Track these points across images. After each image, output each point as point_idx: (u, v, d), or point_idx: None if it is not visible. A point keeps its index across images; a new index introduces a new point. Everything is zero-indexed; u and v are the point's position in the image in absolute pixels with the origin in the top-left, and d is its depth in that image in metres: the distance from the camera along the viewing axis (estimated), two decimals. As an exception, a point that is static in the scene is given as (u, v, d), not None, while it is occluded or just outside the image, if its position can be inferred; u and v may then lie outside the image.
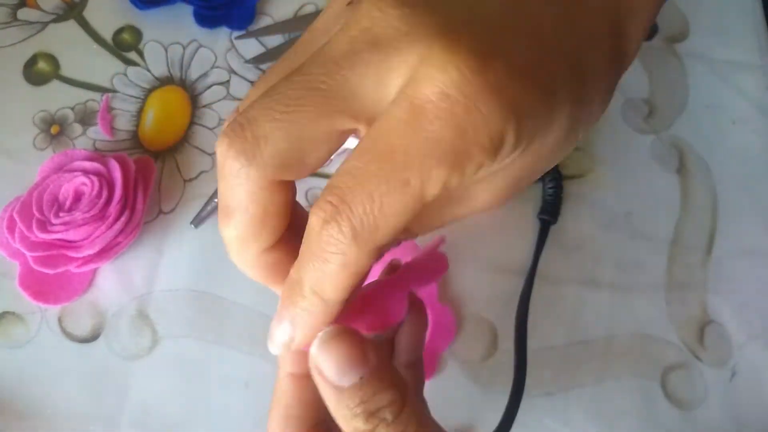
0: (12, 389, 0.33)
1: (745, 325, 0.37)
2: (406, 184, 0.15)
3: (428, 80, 0.15)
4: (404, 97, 0.15)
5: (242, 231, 0.18)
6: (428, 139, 0.15)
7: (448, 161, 0.15)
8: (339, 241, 0.16)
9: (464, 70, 0.14)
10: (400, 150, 0.15)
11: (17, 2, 0.42)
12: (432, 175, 0.15)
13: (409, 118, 0.15)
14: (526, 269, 0.36)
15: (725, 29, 0.45)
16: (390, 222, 0.16)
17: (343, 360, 0.18)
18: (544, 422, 0.34)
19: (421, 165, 0.15)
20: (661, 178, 0.40)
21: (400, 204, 0.15)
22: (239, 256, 0.19)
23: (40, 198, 0.34)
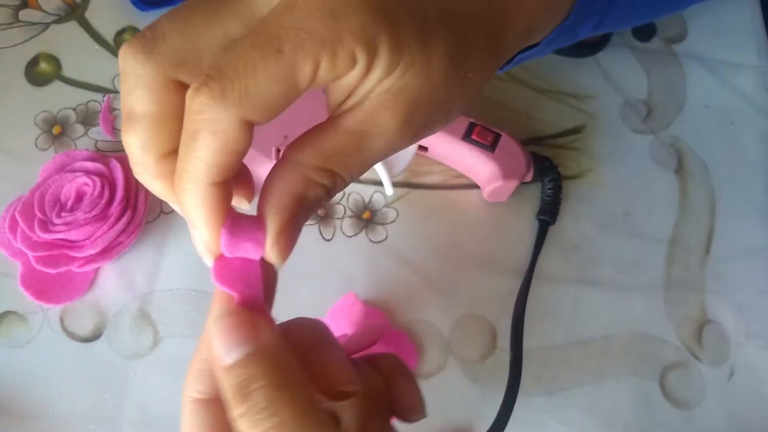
0: (13, 388, 0.33)
1: (743, 325, 0.37)
2: (279, 52, 0.16)
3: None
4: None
5: (142, 135, 0.19)
6: (303, 16, 0.16)
7: (320, 37, 0.16)
8: (208, 104, 0.16)
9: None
10: (277, 25, 0.17)
11: (19, 3, 0.42)
12: (304, 47, 0.16)
13: (289, 3, 0.17)
14: (525, 269, 0.36)
15: (723, 30, 0.45)
16: (262, 88, 0.16)
17: (227, 336, 0.18)
18: (543, 421, 0.34)
19: (294, 36, 0.16)
20: (659, 179, 0.40)
21: (273, 71, 0.16)
22: (141, 166, 0.19)
23: (42, 198, 0.34)
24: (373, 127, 0.19)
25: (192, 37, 0.18)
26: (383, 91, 0.18)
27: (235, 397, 0.17)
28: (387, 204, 0.38)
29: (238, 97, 0.16)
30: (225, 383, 0.18)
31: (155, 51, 0.18)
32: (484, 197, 0.38)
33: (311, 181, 0.19)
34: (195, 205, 0.18)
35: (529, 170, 0.36)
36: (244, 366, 0.18)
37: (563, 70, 0.43)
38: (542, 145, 0.40)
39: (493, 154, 0.36)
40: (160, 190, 0.20)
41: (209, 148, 0.17)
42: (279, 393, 0.17)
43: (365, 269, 0.36)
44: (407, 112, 0.19)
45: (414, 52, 0.18)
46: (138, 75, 0.18)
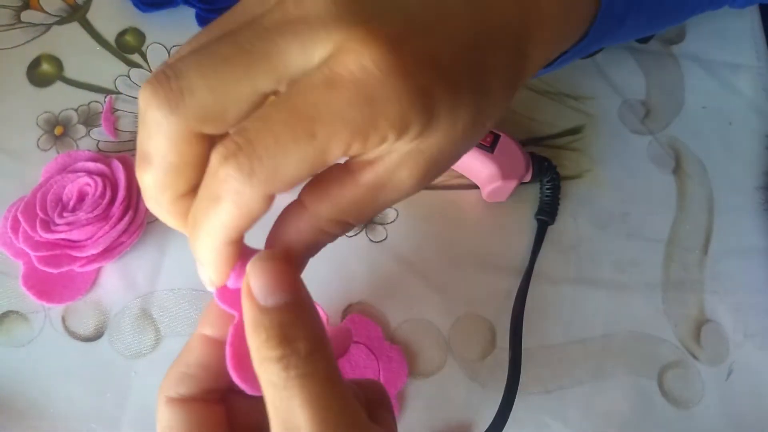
0: (15, 388, 0.33)
1: (741, 324, 0.37)
2: (312, 137, 0.16)
3: (350, 52, 0.16)
4: (326, 64, 0.17)
5: (159, 178, 0.19)
6: (341, 101, 0.16)
7: (355, 125, 0.16)
8: (235, 178, 0.16)
9: (383, 48, 0.16)
10: (313, 106, 0.16)
11: (21, 4, 0.42)
12: (338, 133, 0.16)
13: (327, 82, 0.16)
14: (524, 269, 0.37)
15: (721, 31, 0.45)
16: (289, 169, 0.17)
17: (272, 279, 0.18)
18: (542, 420, 0.34)
19: (329, 122, 0.16)
20: (657, 179, 0.40)
21: (303, 153, 0.16)
22: (155, 202, 0.19)
23: (44, 198, 0.35)
24: (390, 183, 0.19)
25: (220, 94, 0.17)
26: (405, 152, 0.18)
27: (272, 339, 0.18)
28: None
29: (266, 177, 0.16)
30: (261, 322, 0.18)
31: (180, 106, 0.17)
32: (484, 197, 0.38)
33: (324, 231, 0.19)
34: (208, 256, 0.19)
35: (528, 170, 0.37)
36: (286, 312, 0.18)
37: (562, 71, 0.43)
38: (541, 145, 0.41)
39: (492, 155, 0.36)
40: (173, 225, 0.20)
41: (230, 215, 0.17)
42: (317, 346, 0.18)
43: (365, 269, 0.36)
44: (426, 170, 0.19)
45: (440, 120, 0.18)
46: (160, 125, 0.17)
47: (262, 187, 0.17)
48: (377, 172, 0.19)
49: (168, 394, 0.21)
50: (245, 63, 0.17)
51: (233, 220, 0.17)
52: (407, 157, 0.18)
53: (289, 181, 0.17)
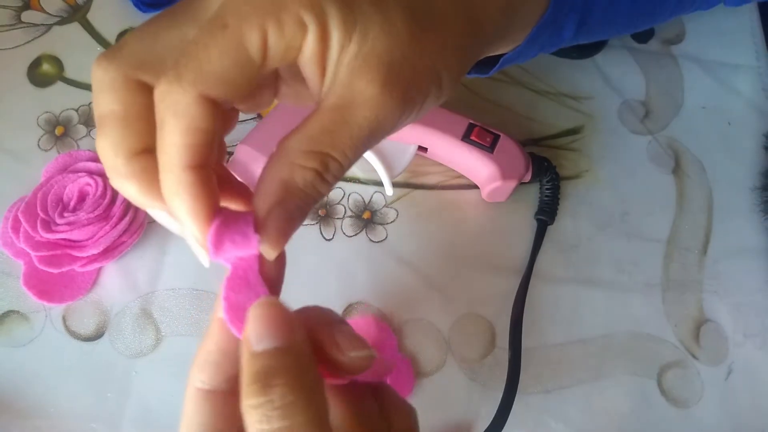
0: (16, 387, 0.33)
1: (740, 324, 0.37)
2: (224, 27, 0.17)
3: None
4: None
5: (111, 138, 0.19)
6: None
7: (263, 8, 0.17)
8: (166, 90, 0.17)
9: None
10: (222, 6, 0.18)
11: (21, 4, 0.42)
12: (247, 17, 0.17)
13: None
14: (523, 269, 0.37)
15: (721, 32, 0.45)
16: (212, 64, 0.17)
17: (265, 325, 0.18)
18: (542, 419, 0.34)
19: (237, 10, 0.17)
20: (657, 179, 0.41)
21: (220, 46, 0.17)
22: (113, 168, 0.20)
23: (45, 198, 0.35)
24: (354, 98, 0.19)
25: (150, 42, 0.19)
26: (352, 58, 0.18)
27: (253, 384, 0.17)
28: (387, 204, 0.38)
29: (192, 76, 0.17)
30: (247, 368, 0.18)
31: (116, 56, 0.19)
32: (483, 197, 0.38)
33: (297, 165, 0.19)
34: (175, 193, 0.18)
35: (528, 171, 0.37)
36: (272, 357, 0.18)
37: (562, 71, 0.43)
38: (541, 145, 0.41)
39: (492, 155, 0.36)
40: (134, 194, 0.20)
41: (175, 131, 0.18)
42: (297, 396, 0.17)
43: (365, 269, 0.36)
44: (384, 74, 0.19)
45: (369, 13, 0.18)
46: (101, 80, 0.19)
47: (193, 87, 0.17)
48: (335, 91, 0.19)
49: (195, 384, 0.20)
50: (171, 14, 0.19)
51: (182, 136, 0.18)
52: (357, 64, 0.18)
53: (218, 76, 0.17)
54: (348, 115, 0.19)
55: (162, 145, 0.18)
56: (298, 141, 0.19)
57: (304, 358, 0.18)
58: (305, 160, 0.18)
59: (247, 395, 0.17)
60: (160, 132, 0.18)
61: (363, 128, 0.19)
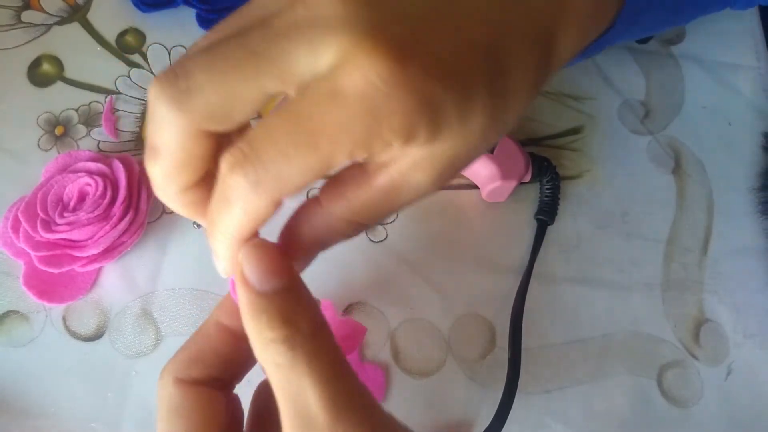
0: (16, 387, 0.33)
1: (740, 324, 0.37)
2: (315, 148, 0.17)
3: (356, 65, 0.16)
4: (332, 75, 0.17)
5: (166, 170, 0.19)
6: (344, 115, 0.16)
7: (358, 137, 0.17)
8: (242, 186, 0.17)
9: (389, 61, 0.16)
10: (317, 117, 0.17)
11: (21, 4, 0.42)
12: (341, 145, 0.17)
13: (332, 94, 0.16)
14: (523, 269, 0.37)
15: (721, 32, 0.45)
16: (293, 178, 0.17)
17: (267, 265, 0.19)
18: (542, 419, 0.34)
19: (332, 134, 0.17)
20: (657, 179, 0.41)
21: (306, 162, 0.17)
22: (162, 192, 0.20)
23: (45, 198, 0.35)
24: (405, 185, 0.19)
25: (227, 95, 0.17)
26: (419, 156, 0.18)
27: (275, 320, 0.18)
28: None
29: (271, 185, 0.17)
30: (262, 307, 0.18)
31: (188, 104, 0.17)
32: (483, 197, 0.38)
33: (338, 231, 0.20)
34: (222, 251, 0.19)
35: (528, 171, 0.37)
36: (287, 295, 0.19)
37: (562, 71, 0.42)
38: (541, 145, 0.41)
39: (492, 155, 0.36)
40: (181, 213, 0.21)
41: (240, 218, 0.18)
42: (320, 329, 0.18)
43: (365, 269, 0.36)
44: (441, 172, 0.19)
45: (453, 125, 0.18)
46: (167, 121, 0.18)
47: (268, 194, 0.17)
48: (392, 175, 0.19)
49: (177, 375, 0.21)
50: (252, 65, 0.17)
51: (243, 222, 0.18)
52: (421, 161, 0.18)
53: (293, 188, 0.17)
54: (394, 199, 0.19)
55: (222, 216, 0.18)
56: (343, 210, 0.19)
57: (310, 296, 0.20)
58: (345, 228, 0.20)
59: (268, 329, 0.18)
60: (223, 204, 0.18)
61: (400, 209, 0.20)
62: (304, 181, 0.17)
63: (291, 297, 0.19)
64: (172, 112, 0.17)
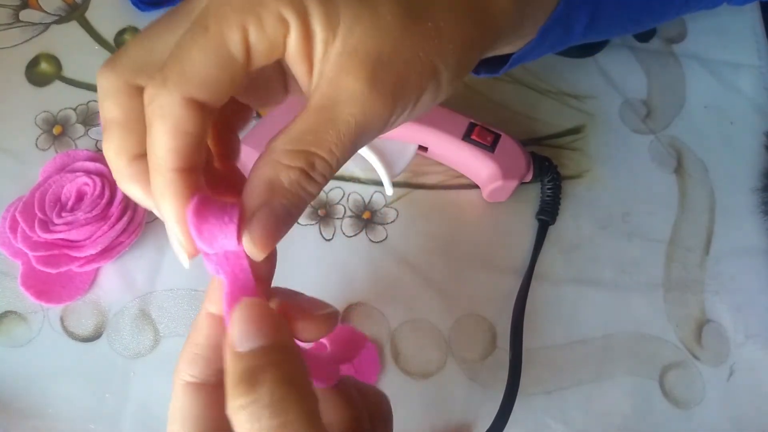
0: (14, 388, 0.33)
1: (742, 324, 0.37)
2: (205, 28, 0.17)
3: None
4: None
5: (114, 140, 0.20)
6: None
7: (242, 8, 0.17)
8: (152, 93, 0.18)
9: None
10: (204, 8, 0.18)
11: (19, 3, 0.42)
12: (226, 17, 0.17)
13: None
14: (524, 269, 0.37)
15: (723, 30, 0.45)
16: (196, 64, 0.17)
17: (247, 325, 0.18)
18: (543, 420, 0.34)
19: (216, 11, 0.17)
20: (659, 179, 0.40)
21: (202, 47, 0.17)
22: (118, 171, 0.20)
23: (43, 198, 0.35)
24: (339, 95, 0.18)
25: (148, 47, 0.19)
26: (337, 54, 0.18)
27: (239, 385, 0.17)
28: (387, 204, 0.38)
29: (177, 79, 0.17)
30: (232, 369, 0.17)
31: (117, 63, 0.19)
32: (484, 197, 0.38)
33: (282, 164, 0.18)
34: (162, 195, 0.18)
35: (529, 170, 0.37)
36: (258, 356, 0.17)
37: (563, 70, 0.43)
38: (542, 145, 0.40)
39: (493, 155, 0.36)
40: (139, 195, 0.20)
41: (162, 133, 0.18)
42: (287, 391, 0.17)
43: (365, 269, 0.36)
44: (371, 69, 0.18)
45: (354, 5, 0.18)
46: (104, 86, 0.19)
47: (177, 89, 0.17)
48: (320, 89, 0.18)
49: (184, 378, 0.20)
50: (168, 18, 0.19)
51: (167, 139, 0.18)
52: (342, 60, 0.18)
53: (201, 78, 0.17)
54: (333, 114, 0.18)
55: (150, 148, 0.18)
56: (283, 141, 0.18)
57: (290, 354, 0.18)
58: (290, 160, 0.18)
59: (233, 396, 0.17)
60: (148, 135, 0.18)
61: (350, 126, 0.18)
62: (207, 69, 0.17)
63: (263, 358, 0.17)
64: (105, 74, 0.19)
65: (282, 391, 0.17)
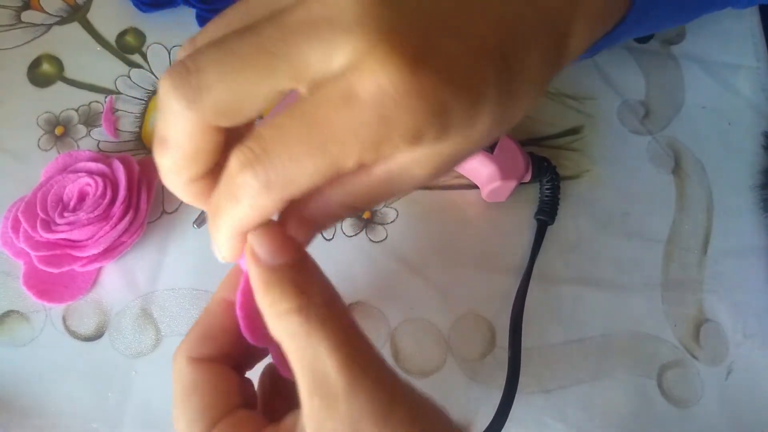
0: (16, 387, 0.33)
1: (740, 324, 0.37)
2: (325, 151, 0.17)
3: (369, 70, 0.16)
4: (345, 79, 0.16)
5: (175, 162, 0.19)
6: (356, 120, 0.16)
7: (368, 142, 0.17)
8: (252, 186, 0.17)
9: (402, 68, 0.16)
10: (329, 122, 0.17)
11: (21, 4, 0.42)
12: (350, 149, 0.17)
13: (344, 99, 0.16)
14: (523, 269, 0.37)
15: (721, 32, 0.45)
16: (302, 180, 0.17)
17: (276, 242, 0.19)
18: (542, 419, 0.34)
19: (343, 138, 0.17)
20: (657, 179, 0.41)
21: (316, 166, 0.17)
22: (170, 182, 0.20)
23: (45, 198, 0.35)
24: (403, 178, 0.19)
25: (238, 93, 0.17)
26: (422, 155, 0.18)
27: (289, 291, 0.18)
28: (387, 204, 0.38)
29: (281, 186, 0.17)
30: (275, 279, 0.18)
31: (198, 102, 0.17)
32: (483, 197, 0.38)
33: (334, 215, 0.20)
34: (223, 242, 0.19)
35: (528, 171, 0.37)
36: (299, 268, 0.19)
37: (562, 71, 0.43)
38: (541, 145, 0.41)
39: (492, 155, 0.36)
40: (186, 200, 0.21)
41: (246, 214, 0.18)
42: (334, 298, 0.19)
43: (365, 269, 0.36)
44: (440, 167, 0.19)
45: (460, 130, 0.18)
46: (177, 116, 0.18)
47: (277, 195, 0.17)
48: (391, 169, 0.19)
49: (190, 354, 0.21)
50: (265, 64, 0.17)
51: (249, 218, 0.18)
52: (423, 158, 0.18)
53: (301, 189, 0.17)
54: (390, 189, 0.19)
55: (228, 210, 0.18)
56: (341, 196, 0.19)
57: (320, 269, 0.20)
58: (342, 211, 0.20)
59: (282, 301, 0.18)
60: (230, 199, 0.18)
61: (395, 196, 0.20)
62: (312, 183, 0.17)
63: (302, 269, 0.19)
64: (183, 108, 0.17)
65: (328, 295, 0.19)
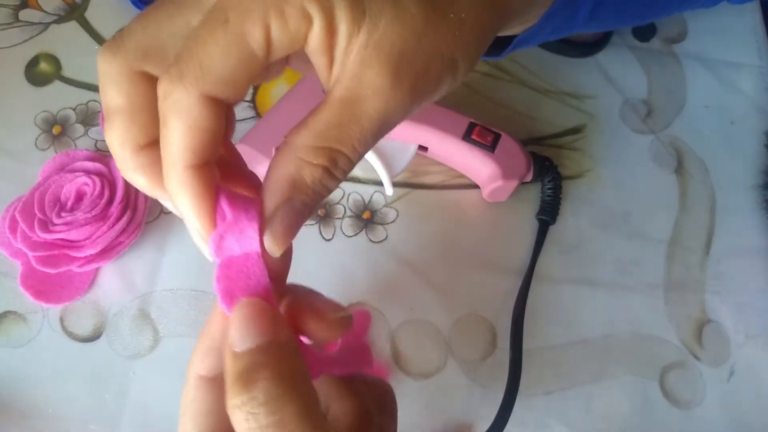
0: (13, 388, 0.33)
1: (743, 325, 0.37)
2: (225, 22, 0.16)
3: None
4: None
5: (118, 129, 0.19)
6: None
7: (265, 2, 0.16)
8: (168, 88, 0.17)
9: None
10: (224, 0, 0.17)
11: (19, 3, 0.42)
12: (249, 11, 0.16)
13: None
14: (525, 269, 0.37)
15: (723, 30, 0.45)
16: (214, 60, 0.17)
17: (244, 325, 0.18)
18: (543, 421, 0.34)
19: (239, 4, 0.17)
20: (659, 179, 0.40)
21: (222, 42, 0.17)
22: (119, 158, 0.20)
23: (42, 198, 0.34)
24: (363, 90, 0.18)
25: (154, 31, 0.18)
26: (361, 48, 0.17)
27: (235, 384, 0.17)
28: (387, 204, 0.38)
29: (194, 75, 0.17)
30: (229, 368, 0.17)
31: (120, 47, 0.18)
32: (484, 197, 0.38)
33: (305, 162, 0.18)
34: (178, 191, 0.18)
35: (529, 170, 0.36)
36: (255, 354, 0.17)
37: (563, 70, 0.43)
38: (542, 145, 0.40)
39: (493, 154, 0.36)
40: (144, 184, 0.20)
41: (178, 130, 0.17)
42: (284, 389, 0.17)
43: (365, 269, 0.36)
44: (395, 63, 0.18)
45: (383, 7, 0.17)
46: (107, 72, 0.18)
47: (195, 86, 0.17)
48: (343, 83, 0.18)
49: (198, 372, 0.20)
50: (174, 3, 0.18)
51: (183, 136, 0.17)
52: (366, 54, 0.17)
53: (220, 75, 0.17)
54: (357, 109, 0.18)
55: (165, 143, 0.18)
56: (305, 136, 0.18)
57: (288, 350, 0.18)
58: (314, 157, 0.18)
59: (231, 395, 0.17)
60: (162, 129, 0.18)
61: (373, 121, 0.18)
62: (227, 65, 0.17)
63: (260, 356, 0.17)
64: (107, 59, 0.18)
65: (278, 388, 0.17)
